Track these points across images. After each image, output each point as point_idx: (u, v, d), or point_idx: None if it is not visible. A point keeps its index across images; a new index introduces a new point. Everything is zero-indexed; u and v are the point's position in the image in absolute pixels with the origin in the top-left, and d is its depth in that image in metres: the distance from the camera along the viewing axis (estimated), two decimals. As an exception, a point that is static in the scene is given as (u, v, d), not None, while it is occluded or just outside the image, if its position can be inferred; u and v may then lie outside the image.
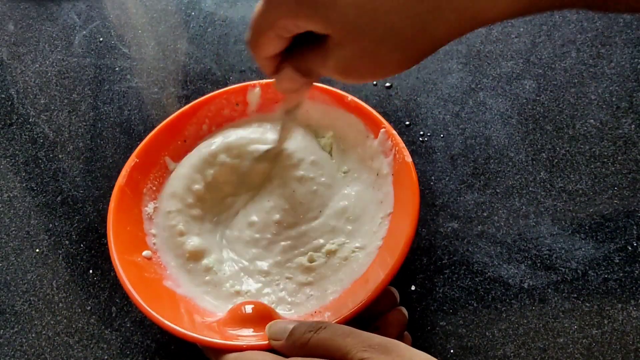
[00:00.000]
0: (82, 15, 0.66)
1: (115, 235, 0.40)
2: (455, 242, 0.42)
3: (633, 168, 0.45)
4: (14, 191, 0.50)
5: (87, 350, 0.40)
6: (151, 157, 0.45)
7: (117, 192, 0.42)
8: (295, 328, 0.31)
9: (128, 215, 0.42)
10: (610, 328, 0.37)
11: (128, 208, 0.42)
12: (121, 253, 0.39)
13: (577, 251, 0.41)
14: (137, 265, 0.40)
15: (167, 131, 0.45)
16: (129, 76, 0.58)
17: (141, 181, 0.44)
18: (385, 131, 0.41)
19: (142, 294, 0.37)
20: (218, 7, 0.65)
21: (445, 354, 0.37)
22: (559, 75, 0.52)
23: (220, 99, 0.47)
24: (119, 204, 0.41)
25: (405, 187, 0.38)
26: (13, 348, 0.40)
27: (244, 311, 0.37)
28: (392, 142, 0.40)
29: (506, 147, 0.47)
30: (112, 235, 0.40)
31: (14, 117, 0.56)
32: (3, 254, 0.45)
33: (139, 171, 0.44)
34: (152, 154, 0.45)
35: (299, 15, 0.27)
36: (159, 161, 0.45)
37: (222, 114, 0.47)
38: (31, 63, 0.61)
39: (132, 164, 0.43)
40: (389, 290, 0.36)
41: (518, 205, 0.44)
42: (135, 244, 0.41)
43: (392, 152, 0.40)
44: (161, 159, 0.45)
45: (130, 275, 0.38)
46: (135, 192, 0.43)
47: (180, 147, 0.46)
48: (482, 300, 0.39)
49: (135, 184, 0.43)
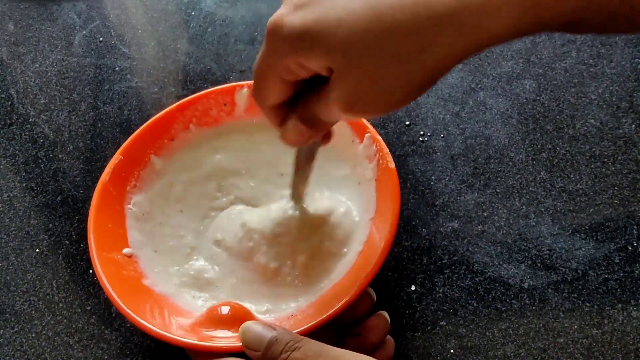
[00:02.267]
0: (82, 15, 0.66)
1: (95, 232, 0.39)
2: (455, 242, 0.42)
3: (633, 168, 0.45)
4: (14, 191, 0.50)
5: (87, 350, 0.40)
6: (137, 155, 0.44)
7: (100, 189, 0.42)
8: (272, 343, 0.30)
9: (110, 212, 0.42)
10: (611, 328, 0.37)
11: (110, 205, 0.42)
12: (100, 249, 0.39)
13: (577, 251, 0.41)
14: (116, 262, 0.39)
15: (154, 129, 0.45)
16: (129, 76, 0.58)
17: (125, 179, 0.44)
18: (370, 136, 0.41)
19: (119, 292, 0.36)
20: (218, 7, 0.65)
21: (445, 354, 0.37)
22: (559, 75, 0.52)
23: (208, 98, 0.46)
24: (101, 201, 0.41)
25: (387, 193, 0.38)
26: (13, 348, 0.40)
27: (220, 312, 0.36)
28: (377, 147, 0.40)
29: (506, 147, 0.47)
30: (92, 232, 0.39)
31: (14, 117, 0.56)
32: (3, 254, 0.45)
33: (124, 169, 0.43)
34: (138, 151, 0.45)
35: (301, 51, 0.26)
36: (144, 159, 0.45)
37: (209, 114, 0.47)
38: (31, 63, 0.61)
39: (116, 162, 0.43)
40: (365, 293, 0.35)
41: (518, 205, 0.44)
42: (115, 241, 0.41)
43: (376, 157, 0.40)
44: (147, 157, 0.45)
45: (109, 273, 0.37)
46: (118, 190, 0.43)
47: (167, 145, 0.46)
48: (482, 300, 0.39)
49: (119, 181, 0.43)
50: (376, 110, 0.28)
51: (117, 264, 0.39)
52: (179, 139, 0.46)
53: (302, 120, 0.31)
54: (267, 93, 0.29)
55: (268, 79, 0.29)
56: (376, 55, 0.25)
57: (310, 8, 0.26)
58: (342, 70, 0.26)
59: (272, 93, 0.29)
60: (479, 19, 0.24)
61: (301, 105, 0.30)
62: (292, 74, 0.28)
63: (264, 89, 0.29)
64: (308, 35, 0.26)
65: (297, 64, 0.27)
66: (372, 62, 0.26)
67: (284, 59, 0.27)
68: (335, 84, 0.27)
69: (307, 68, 0.27)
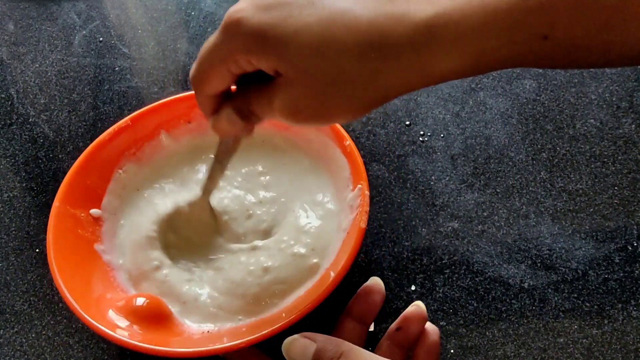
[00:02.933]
0: (82, 15, 0.66)
1: (68, 185, 0.39)
2: (455, 242, 0.42)
3: (633, 168, 0.45)
4: (14, 191, 0.50)
5: (87, 350, 0.40)
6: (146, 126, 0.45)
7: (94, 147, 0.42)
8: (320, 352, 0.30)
9: (96, 170, 0.42)
10: (611, 328, 0.37)
11: (99, 164, 0.42)
12: (64, 203, 0.39)
13: (577, 251, 0.41)
14: (76, 219, 0.39)
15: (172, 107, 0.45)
16: (129, 76, 0.58)
17: (126, 144, 0.44)
18: (360, 188, 0.38)
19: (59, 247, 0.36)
20: (218, 7, 0.65)
21: (446, 354, 0.37)
22: (559, 75, 0.52)
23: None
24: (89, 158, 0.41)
25: (346, 250, 0.36)
26: (13, 348, 0.40)
27: (134, 303, 0.36)
28: (360, 201, 0.38)
29: (506, 147, 0.47)
30: (66, 184, 0.39)
31: (14, 117, 0.56)
32: (3, 254, 0.45)
33: (128, 134, 0.44)
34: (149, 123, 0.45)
35: (254, 51, 0.27)
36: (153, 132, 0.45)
37: None
38: (31, 63, 0.61)
39: (122, 125, 0.44)
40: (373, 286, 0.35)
41: (518, 205, 0.44)
42: (87, 199, 0.41)
43: (357, 210, 0.38)
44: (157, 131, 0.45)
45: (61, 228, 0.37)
46: (114, 152, 0.43)
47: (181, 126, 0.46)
48: (482, 300, 0.39)
49: (119, 143, 0.43)
50: (317, 122, 0.28)
51: (76, 220, 0.39)
52: (196, 123, 0.46)
53: (237, 112, 0.31)
54: (209, 81, 0.29)
55: (213, 68, 0.29)
56: (323, 73, 0.26)
57: (272, 12, 0.26)
58: (288, 80, 0.27)
59: (214, 82, 0.29)
60: (429, 57, 0.25)
61: (240, 98, 0.30)
62: (240, 68, 0.28)
63: (207, 77, 0.29)
64: (263, 38, 0.26)
65: (246, 61, 0.27)
66: (318, 79, 0.26)
67: (236, 55, 0.27)
68: (280, 89, 0.27)
69: (255, 65, 0.28)
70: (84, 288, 0.37)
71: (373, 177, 0.47)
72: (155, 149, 0.45)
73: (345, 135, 0.41)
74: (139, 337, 0.34)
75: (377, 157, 0.48)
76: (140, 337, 0.34)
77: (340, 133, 0.41)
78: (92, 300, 0.36)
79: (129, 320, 0.35)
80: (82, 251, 0.39)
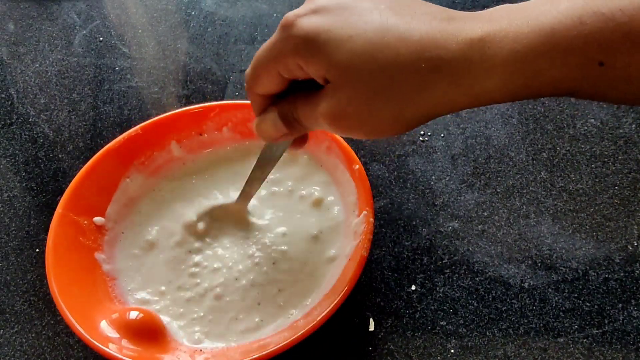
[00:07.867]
0: (82, 15, 0.66)
1: (74, 191, 0.39)
2: (455, 242, 0.42)
3: (633, 168, 0.45)
4: (14, 191, 0.50)
5: (87, 350, 0.40)
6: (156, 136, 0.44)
7: (102, 155, 0.42)
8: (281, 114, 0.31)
9: (103, 178, 0.42)
10: (611, 328, 0.37)
11: (107, 171, 0.42)
12: (68, 210, 0.38)
13: (578, 251, 0.41)
14: (78, 227, 0.39)
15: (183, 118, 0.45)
16: (129, 76, 0.58)
17: (135, 153, 0.44)
18: (365, 215, 0.38)
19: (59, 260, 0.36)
20: (218, 7, 0.65)
21: (446, 354, 0.37)
22: (559, 75, 0.52)
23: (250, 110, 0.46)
24: (95, 165, 0.41)
25: (345, 278, 0.35)
26: (13, 348, 0.40)
27: (127, 316, 0.35)
28: (365, 229, 0.37)
29: (507, 147, 0.47)
30: (71, 190, 0.39)
31: (14, 116, 0.56)
32: (3, 254, 0.45)
33: (137, 143, 0.43)
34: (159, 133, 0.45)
35: (303, 55, 0.27)
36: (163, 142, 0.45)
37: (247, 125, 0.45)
38: (31, 63, 0.61)
39: (132, 134, 0.43)
40: None
41: (518, 204, 0.44)
42: (92, 206, 0.40)
43: (360, 237, 0.37)
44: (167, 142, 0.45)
45: (62, 235, 0.37)
46: (123, 161, 0.43)
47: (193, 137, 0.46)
48: (483, 300, 0.39)
49: (128, 152, 0.43)
50: (359, 133, 0.28)
51: (78, 228, 0.39)
52: (208, 136, 0.46)
53: (281, 116, 0.31)
54: (260, 80, 0.30)
55: (267, 69, 0.29)
56: (372, 80, 0.26)
57: (326, 16, 0.26)
58: (337, 85, 0.27)
59: (265, 83, 0.30)
60: (479, 73, 0.25)
61: (287, 102, 0.31)
62: (290, 72, 0.28)
63: (260, 77, 0.30)
64: (314, 42, 0.26)
65: (296, 65, 0.27)
66: (368, 88, 0.26)
67: (286, 57, 0.27)
68: (327, 95, 0.27)
69: (305, 71, 0.28)
70: (80, 297, 0.36)
71: (373, 177, 0.47)
72: (166, 158, 0.45)
73: (355, 159, 0.40)
74: (128, 351, 0.33)
75: (377, 156, 0.48)
76: (126, 352, 0.33)
77: (351, 156, 0.41)
78: (86, 309, 0.36)
79: (119, 333, 0.35)
80: (81, 259, 0.39)
